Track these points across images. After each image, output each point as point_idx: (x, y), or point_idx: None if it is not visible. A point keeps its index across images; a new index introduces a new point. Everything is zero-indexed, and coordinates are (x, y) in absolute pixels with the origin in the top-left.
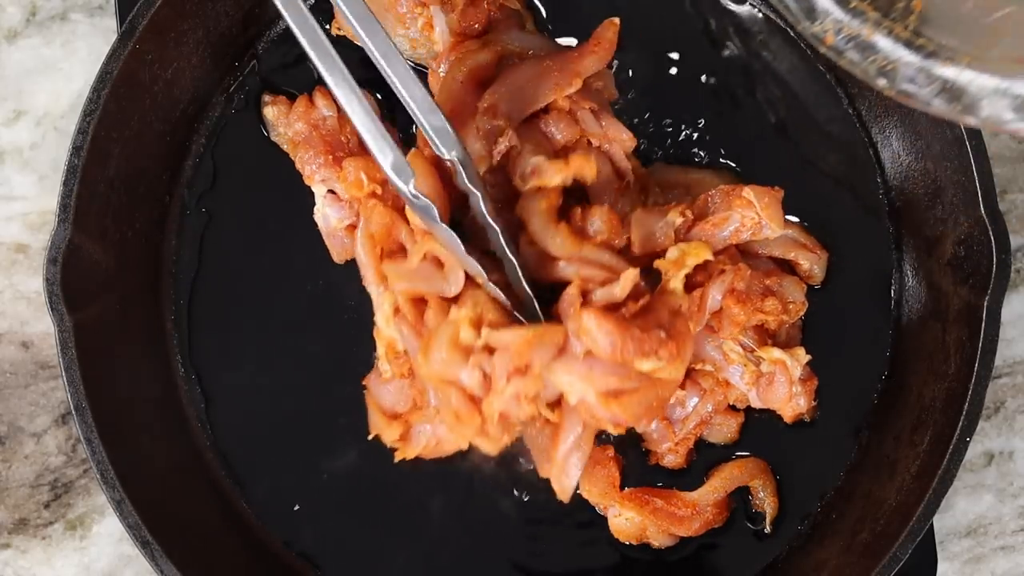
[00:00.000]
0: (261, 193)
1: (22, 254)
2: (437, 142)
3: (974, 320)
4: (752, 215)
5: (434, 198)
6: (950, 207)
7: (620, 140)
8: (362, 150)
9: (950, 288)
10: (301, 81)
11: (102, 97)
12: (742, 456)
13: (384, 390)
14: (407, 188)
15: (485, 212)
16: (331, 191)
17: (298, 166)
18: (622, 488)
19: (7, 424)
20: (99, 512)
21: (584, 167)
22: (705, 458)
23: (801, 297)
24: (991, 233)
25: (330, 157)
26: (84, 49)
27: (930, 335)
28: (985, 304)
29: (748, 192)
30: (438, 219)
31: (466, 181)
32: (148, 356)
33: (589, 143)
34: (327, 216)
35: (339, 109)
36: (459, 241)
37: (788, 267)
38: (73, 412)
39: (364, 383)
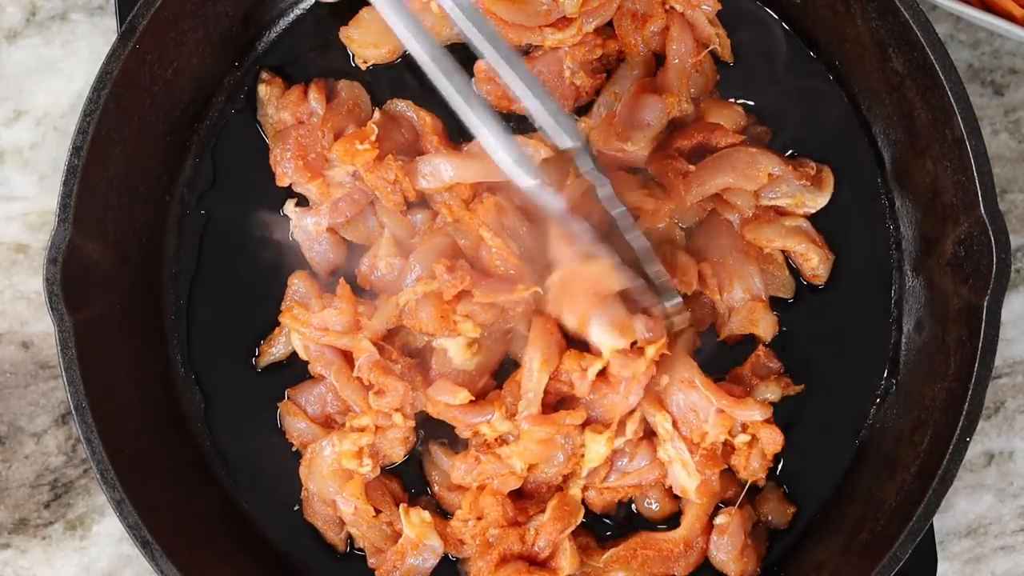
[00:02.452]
0: (261, 193)
1: (22, 254)
2: (558, 131)
3: (974, 320)
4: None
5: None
6: (950, 207)
7: (703, 1)
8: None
9: (950, 288)
10: (301, 77)
11: (102, 97)
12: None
13: (311, 395)
14: (532, 183)
15: (613, 196)
16: (298, 204)
17: (272, 161)
18: (604, 538)
19: (7, 424)
20: (99, 512)
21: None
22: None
23: (776, 444)
24: (991, 233)
25: (301, 162)
26: (84, 49)
27: (930, 335)
28: (985, 304)
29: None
30: (565, 209)
31: (589, 169)
32: (148, 356)
33: (671, 9)
34: (305, 227)
35: (328, 100)
36: (589, 228)
37: (791, 269)
38: (73, 412)
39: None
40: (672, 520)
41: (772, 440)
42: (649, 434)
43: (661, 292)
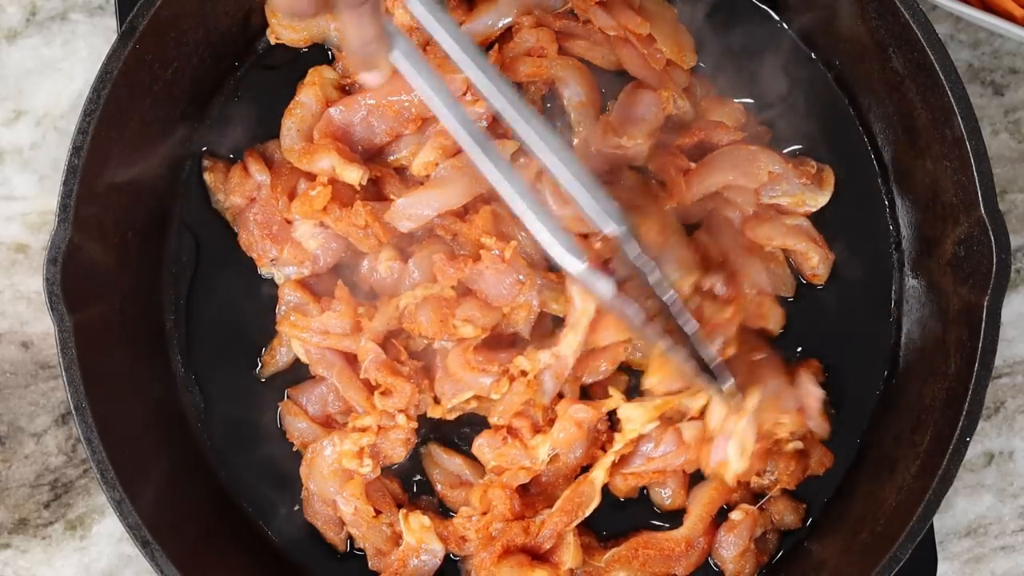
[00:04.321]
0: None
1: (22, 254)
2: (602, 216)
3: (974, 320)
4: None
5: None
6: (950, 207)
7: (633, 27)
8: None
9: (950, 288)
10: (300, 78)
11: (102, 97)
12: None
13: (312, 395)
14: (582, 268)
15: (662, 282)
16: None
17: (244, 247)
18: (605, 536)
19: (7, 424)
20: (99, 512)
21: None
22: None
23: (823, 466)
24: (991, 233)
25: (268, 241)
26: (84, 49)
27: (930, 335)
28: (985, 304)
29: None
30: (615, 295)
31: (636, 255)
32: (148, 356)
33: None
34: (287, 275)
35: (269, 165)
36: (641, 314)
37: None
38: (73, 412)
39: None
40: (676, 516)
41: (822, 461)
42: (674, 419)
43: (716, 375)
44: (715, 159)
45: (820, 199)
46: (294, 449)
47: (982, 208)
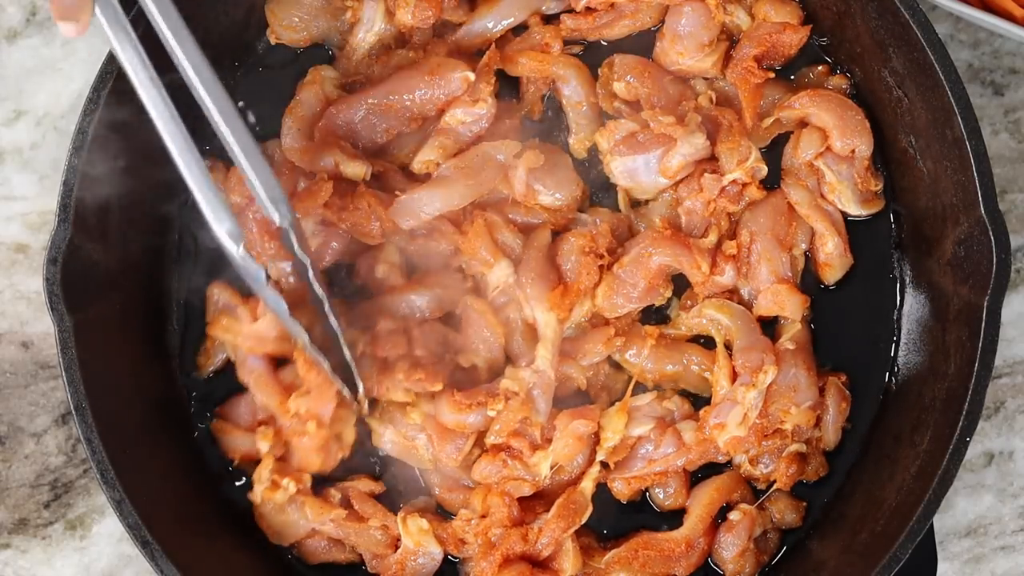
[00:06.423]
0: None
1: (22, 254)
2: (271, 208)
3: (974, 320)
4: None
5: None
6: (950, 207)
7: None
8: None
9: (950, 288)
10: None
11: (102, 97)
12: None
13: (239, 407)
14: (238, 251)
15: (314, 279)
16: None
17: (250, 248)
18: (605, 537)
19: (7, 424)
20: (99, 512)
21: None
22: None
23: (817, 474)
24: (991, 233)
25: (268, 242)
26: (84, 49)
27: (930, 335)
28: (985, 304)
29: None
30: (266, 283)
31: (297, 248)
32: (148, 356)
33: None
34: (284, 272)
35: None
36: (285, 305)
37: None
38: (73, 412)
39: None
40: (676, 516)
41: (818, 470)
42: (674, 420)
43: (353, 379)
44: (812, 95)
45: (857, 210)
46: (234, 465)
47: (982, 208)
